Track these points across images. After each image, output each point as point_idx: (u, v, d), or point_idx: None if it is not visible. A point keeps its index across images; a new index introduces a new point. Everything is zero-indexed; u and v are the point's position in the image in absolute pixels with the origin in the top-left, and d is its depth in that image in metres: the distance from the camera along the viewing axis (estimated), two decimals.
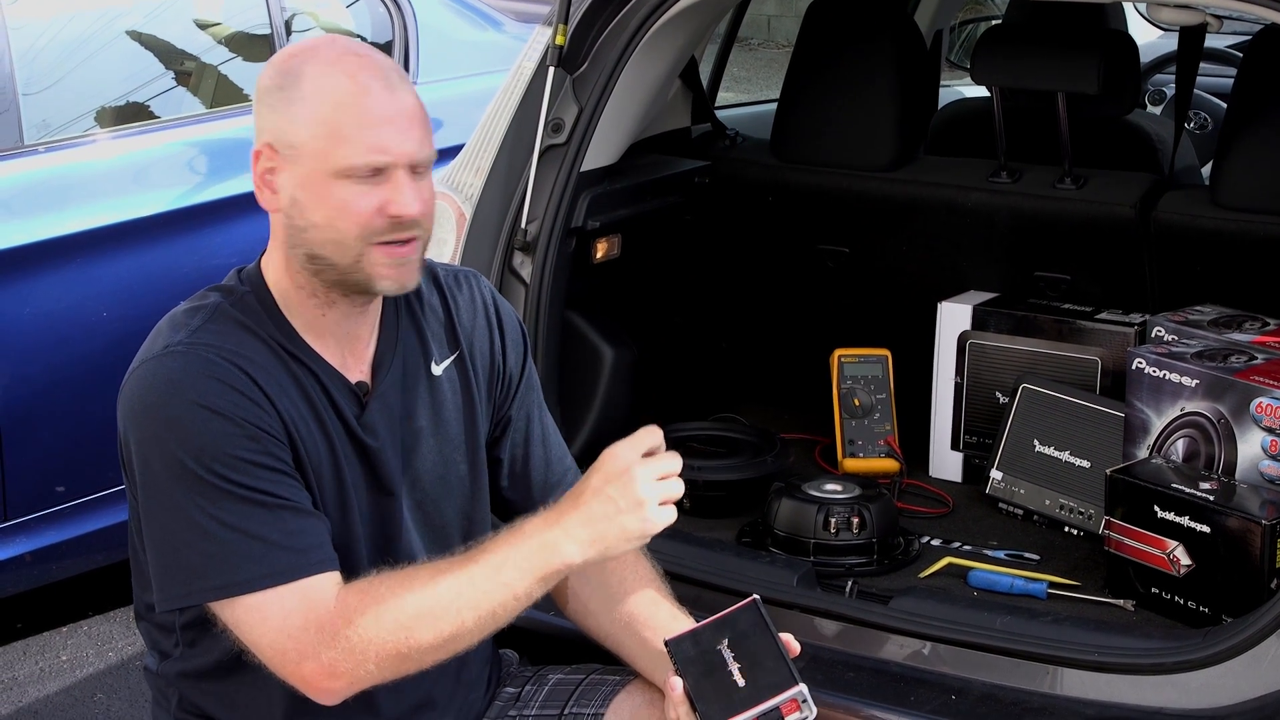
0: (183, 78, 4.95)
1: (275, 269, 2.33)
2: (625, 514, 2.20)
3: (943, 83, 5.14)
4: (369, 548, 2.37)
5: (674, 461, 2.24)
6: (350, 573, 2.29)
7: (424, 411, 2.44)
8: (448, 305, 2.51)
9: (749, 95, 9.70)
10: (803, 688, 2.15)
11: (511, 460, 2.59)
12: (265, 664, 2.22)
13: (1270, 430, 2.90)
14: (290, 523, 2.21)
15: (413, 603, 2.19)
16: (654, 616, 2.44)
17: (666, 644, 2.30)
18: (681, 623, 2.38)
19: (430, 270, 2.53)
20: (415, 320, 2.46)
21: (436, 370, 2.46)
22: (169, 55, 4.91)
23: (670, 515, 2.23)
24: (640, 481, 2.20)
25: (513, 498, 2.60)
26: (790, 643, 2.26)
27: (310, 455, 2.29)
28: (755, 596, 2.30)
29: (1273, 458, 2.90)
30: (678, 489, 2.24)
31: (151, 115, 4.75)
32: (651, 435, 2.24)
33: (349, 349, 2.37)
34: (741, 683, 2.19)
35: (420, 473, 2.43)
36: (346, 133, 2.22)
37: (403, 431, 2.41)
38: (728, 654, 2.23)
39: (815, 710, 2.16)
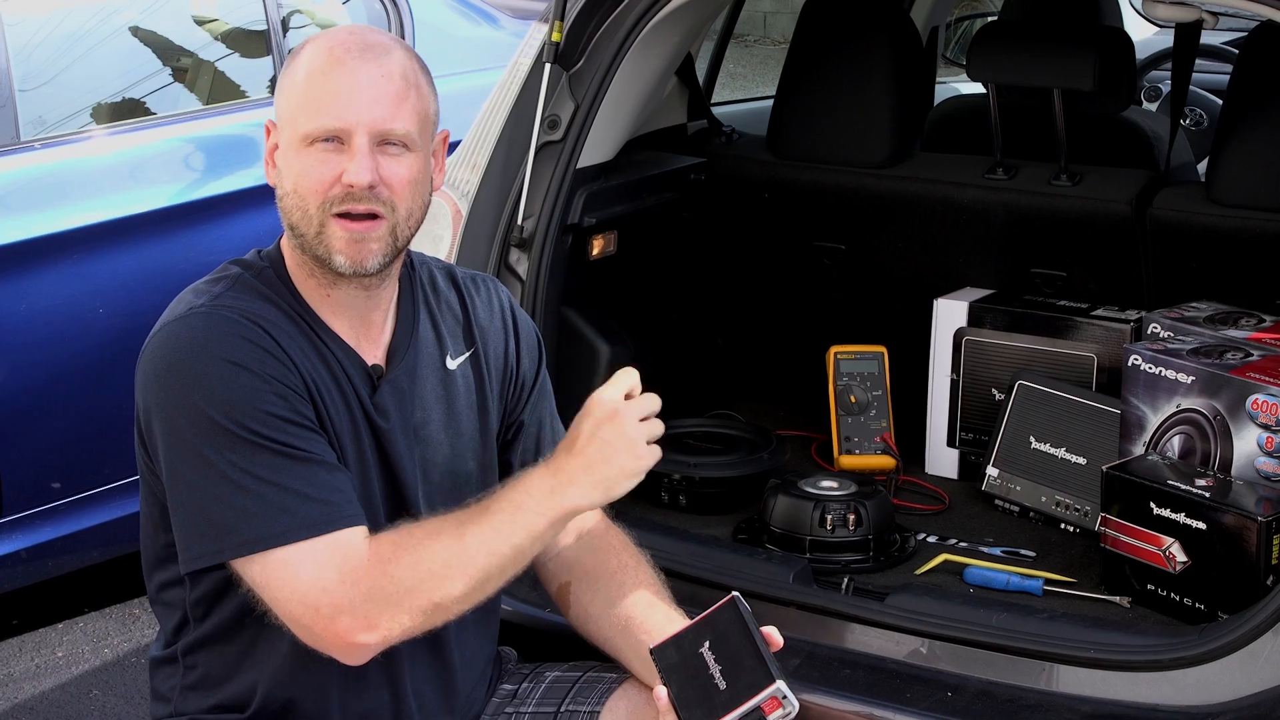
0: (179, 74, 4.94)
1: (288, 248, 2.37)
2: (621, 454, 2.28)
3: (938, 79, 5.14)
4: (386, 522, 2.38)
5: (654, 401, 2.34)
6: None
7: (436, 404, 2.45)
8: (465, 304, 2.54)
9: (745, 92, 9.70)
10: (780, 684, 2.14)
11: (522, 465, 2.58)
12: (291, 624, 2.20)
13: (1266, 427, 2.90)
14: (321, 476, 2.22)
15: (443, 551, 2.20)
16: (649, 619, 2.44)
17: (651, 652, 2.30)
18: (677, 624, 2.38)
19: (448, 271, 2.57)
20: (432, 314, 2.48)
21: (451, 365, 2.48)
22: (166, 51, 4.91)
23: (657, 453, 2.33)
24: (628, 422, 2.29)
25: None
26: (772, 636, 2.26)
27: (333, 420, 2.30)
28: (734, 594, 2.30)
29: (1268, 454, 2.90)
30: (659, 428, 2.33)
31: (148, 111, 4.75)
32: (629, 377, 2.34)
33: (363, 332, 2.39)
34: (723, 685, 2.18)
35: (430, 463, 2.44)
36: (309, 100, 2.27)
37: (415, 420, 2.42)
38: (709, 656, 2.22)
39: (797, 704, 2.15)
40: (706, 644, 2.24)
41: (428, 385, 2.44)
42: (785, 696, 2.14)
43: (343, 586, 2.17)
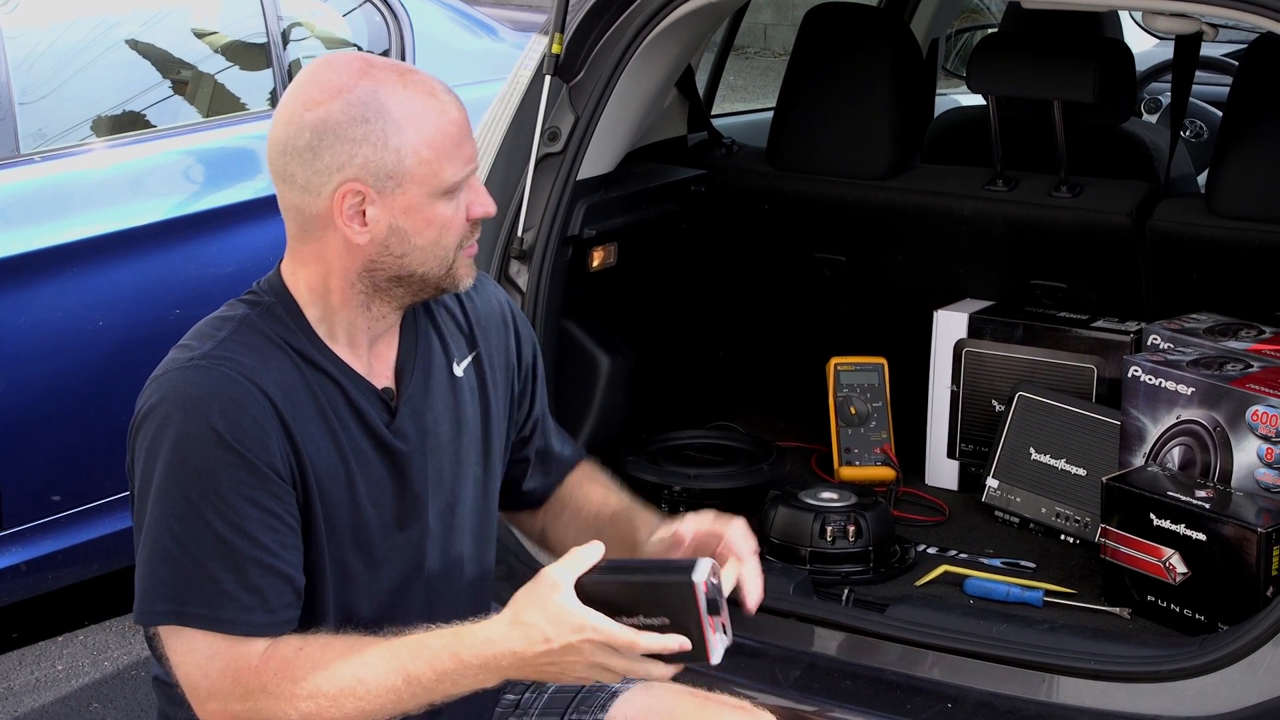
0: (179, 86, 4.95)
1: (316, 287, 2.31)
2: (566, 674, 2.17)
3: (939, 91, 5.14)
4: (394, 557, 2.38)
5: (627, 638, 2.12)
6: (365, 587, 2.33)
7: (447, 413, 2.44)
8: (463, 305, 2.52)
9: (745, 104, 9.71)
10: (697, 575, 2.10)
11: (538, 455, 2.63)
12: (180, 686, 2.25)
13: (1266, 438, 2.90)
14: (253, 577, 2.20)
15: (329, 687, 2.19)
16: (631, 508, 2.56)
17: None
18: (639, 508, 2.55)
19: None
20: (434, 322, 2.46)
21: (458, 371, 2.46)
22: (165, 64, 4.91)
23: (606, 680, 2.20)
24: (588, 656, 2.13)
25: (532, 488, 2.65)
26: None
27: (322, 478, 2.28)
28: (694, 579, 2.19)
29: (1268, 465, 2.90)
30: (619, 666, 2.13)
31: (148, 124, 4.75)
32: (589, 555, 2.17)
33: (375, 354, 2.37)
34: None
35: (444, 475, 2.43)
36: (448, 148, 2.24)
37: (431, 434, 2.41)
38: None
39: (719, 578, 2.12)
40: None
41: (438, 396, 2.43)
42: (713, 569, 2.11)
43: (223, 679, 2.20)
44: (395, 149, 2.22)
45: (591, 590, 2.15)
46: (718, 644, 2.10)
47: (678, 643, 2.11)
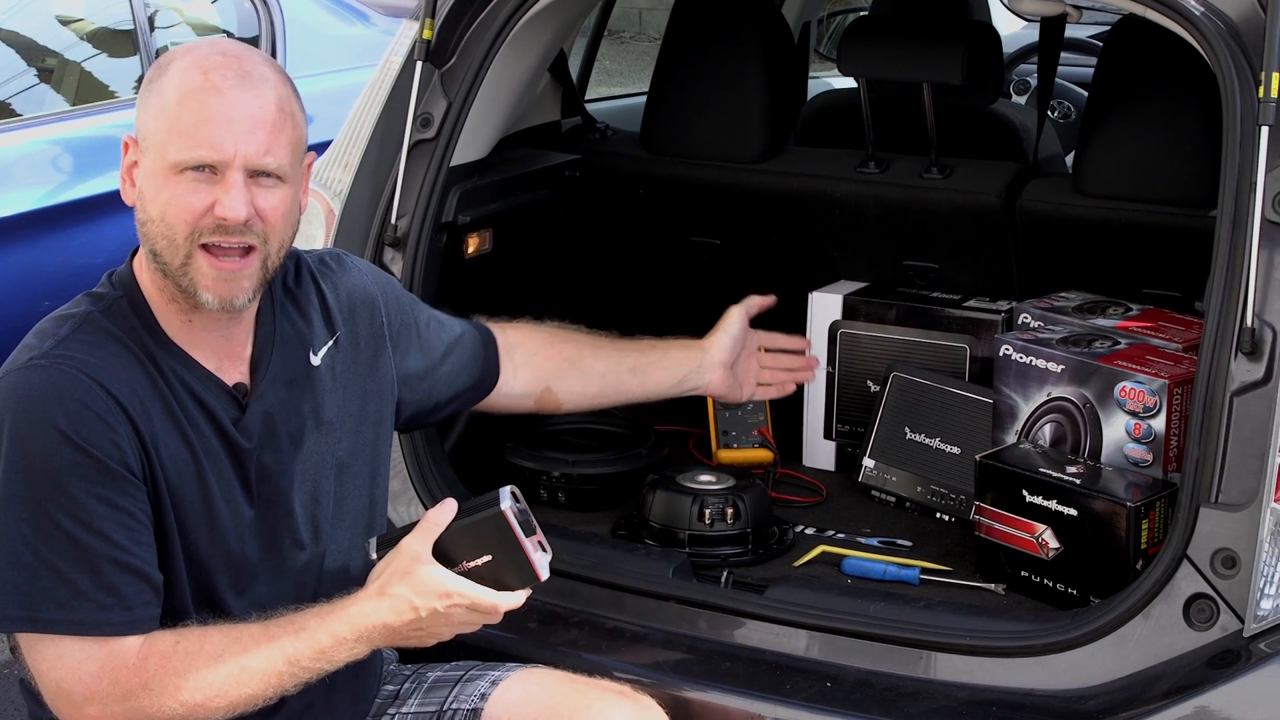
0: (45, 75, 4.87)
1: (144, 270, 2.30)
2: (433, 637, 2.32)
3: (811, 74, 5.17)
4: (259, 553, 2.35)
5: (490, 600, 2.29)
6: (226, 584, 2.30)
7: (307, 405, 2.41)
8: (321, 291, 2.49)
9: (623, 88, 9.71)
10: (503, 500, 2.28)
11: (463, 388, 2.77)
12: (46, 699, 2.21)
13: (1134, 414, 2.95)
14: (108, 576, 2.17)
15: (214, 677, 2.19)
16: (643, 358, 3.09)
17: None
18: (647, 349, 3.10)
19: (297, 259, 2.51)
20: (289, 314, 2.43)
21: (315, 360, 2.44)
22: (31, 52, 4.84)
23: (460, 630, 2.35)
24: (446, 615, 2.27)
25: (479, 395, 2.88)
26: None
27: (171, 476, 2.25)
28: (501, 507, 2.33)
29: (1137, 440, 2.95)
30: (478, 620, 2.32)
31: (13, 113, 4.67)
32: (441, 518, 2.30)
33: (225, 351, 2.33)
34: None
35: (310, 467, 2.41)
36: (183, 126, 2.20)
37: (287, 428, 2.38)
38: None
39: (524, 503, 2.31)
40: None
41: (297, 389, 2.40)
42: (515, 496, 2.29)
43: (99, 682, 2.17)
44: (147, 109, 2.25)
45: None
46: (541, 562, 2.30)
47: (525, 595, 2.30)
